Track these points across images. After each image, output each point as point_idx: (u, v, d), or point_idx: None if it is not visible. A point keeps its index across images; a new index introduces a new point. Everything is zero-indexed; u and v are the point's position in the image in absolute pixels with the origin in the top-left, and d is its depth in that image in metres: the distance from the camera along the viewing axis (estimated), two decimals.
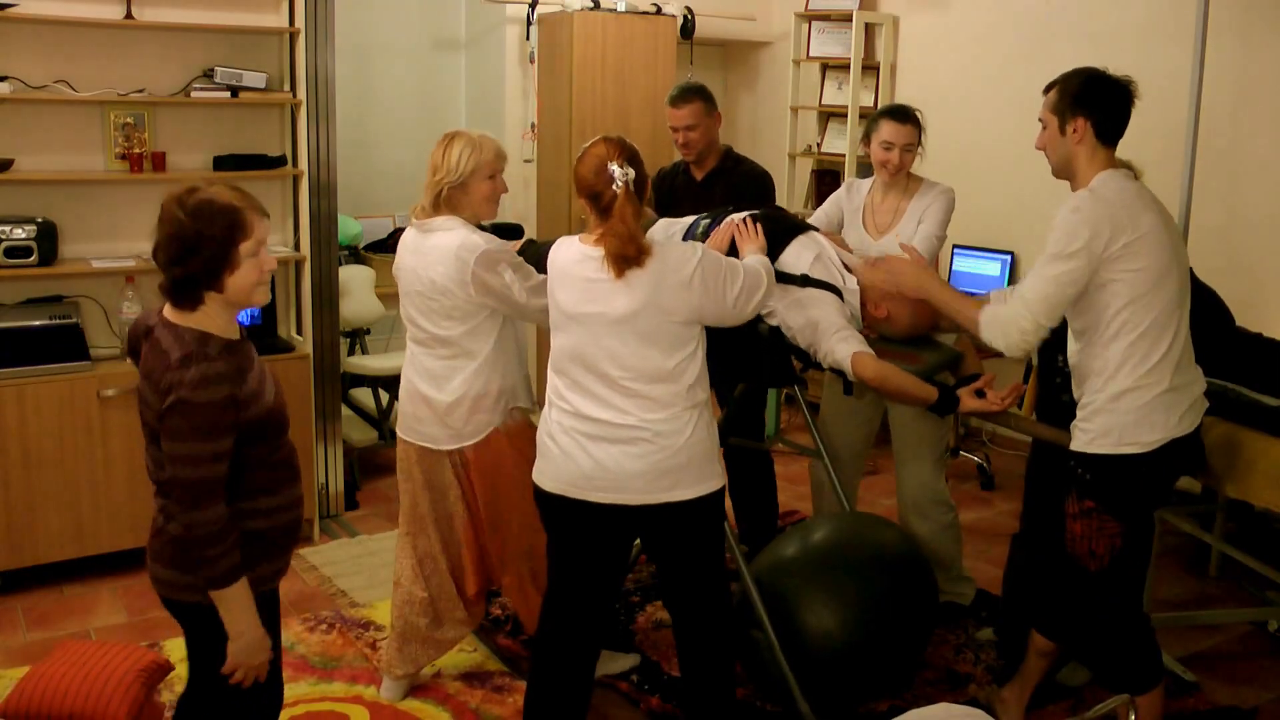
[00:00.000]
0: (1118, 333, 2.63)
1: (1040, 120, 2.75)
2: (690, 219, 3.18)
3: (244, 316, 4.34)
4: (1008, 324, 2.69)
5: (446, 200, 2.93)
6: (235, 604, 2.14)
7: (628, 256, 2.45)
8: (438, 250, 2.90)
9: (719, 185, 3.86)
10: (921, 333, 3.07)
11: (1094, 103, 2.65)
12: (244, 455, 2.15)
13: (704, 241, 2.94)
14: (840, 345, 2.77)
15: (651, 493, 2.53)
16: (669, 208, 3.76)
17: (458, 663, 3.43)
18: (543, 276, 2.75)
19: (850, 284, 2.96)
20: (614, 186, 2.46)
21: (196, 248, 2.07)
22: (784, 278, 2.88)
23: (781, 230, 2.97)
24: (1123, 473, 2.69)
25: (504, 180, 3.01)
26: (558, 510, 2.62)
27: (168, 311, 2.17)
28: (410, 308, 3.03)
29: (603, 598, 2.74)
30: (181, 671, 3.29)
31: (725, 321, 2.62)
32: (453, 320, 2.95)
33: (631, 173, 2.48)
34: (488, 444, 3.03)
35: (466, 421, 3.00)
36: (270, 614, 2.29)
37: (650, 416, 2.50)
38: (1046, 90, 2.75)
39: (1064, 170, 2.75)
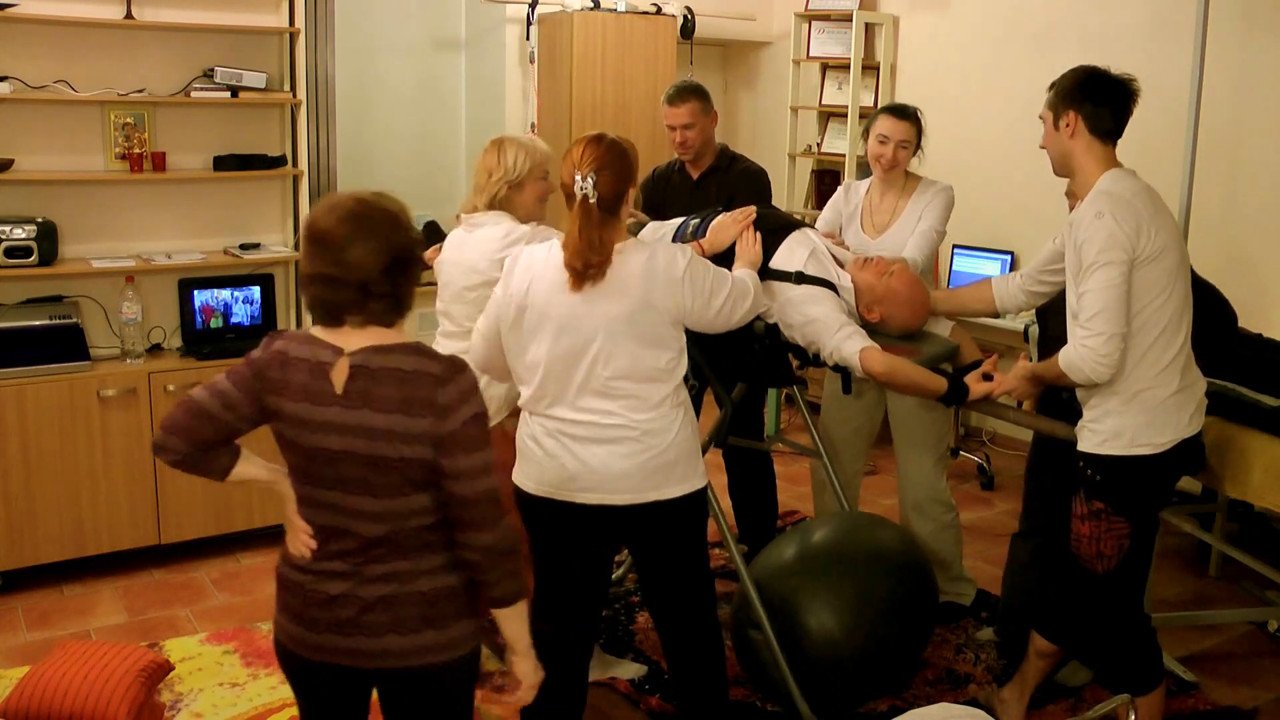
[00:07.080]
0: (1134, 334, 2.61)
1: (1040, 118, 2.77)
2: (678, 220, 3.16)
3: (244, 316, 4.36)
4: (1080, 355, 2.59)
5: (502, 201, 3.00)
6: (524, 614, 1.94)
7: (576, 270, 2.40)
8: (484, 240, 2.96)
9: (714, 183, 3.85)
10: (914, 331, 3.07)
11: (1085, 96, 2.66)
12: None
13: (695, 241, 2.93)
14: (846, 343, 2.76)
15: (639, 492, 2.49)
16: (665, 206, 3.75)
17: None
18: None
19: (845, 281, 2.95)
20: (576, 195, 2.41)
21: (414, 258, 1.90)
22: (779, 276, 2.86)
23: (773, 229, 2.95)
24: (1134, 474, 2.69)
25: (551, 181, 3.04)
26: (541, 513, 2.56)
27: (364, 336, 1.89)
28: (450, 303, 3.09)
29: (590, 599, 2.71)
30: (183, 672, 3.31)
31: (708, 327, 2.59)
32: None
33: (592, 182, 2.38)
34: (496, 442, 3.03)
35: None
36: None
37: (638, 416, 2.46)
38: (1050, 89, 2.76)
39: (1063, 167, 2.75)
